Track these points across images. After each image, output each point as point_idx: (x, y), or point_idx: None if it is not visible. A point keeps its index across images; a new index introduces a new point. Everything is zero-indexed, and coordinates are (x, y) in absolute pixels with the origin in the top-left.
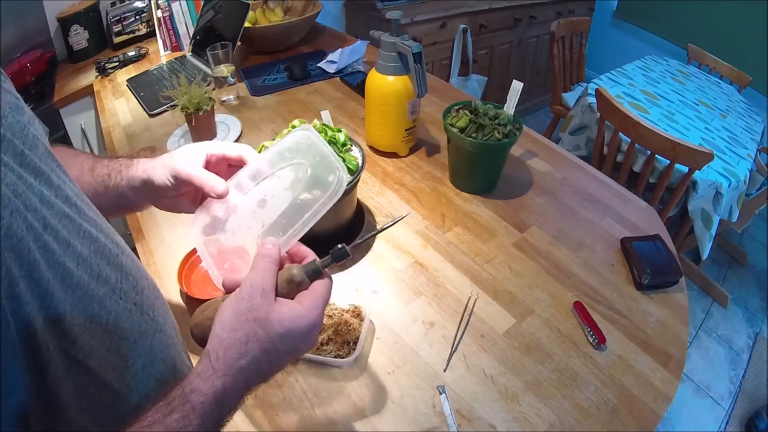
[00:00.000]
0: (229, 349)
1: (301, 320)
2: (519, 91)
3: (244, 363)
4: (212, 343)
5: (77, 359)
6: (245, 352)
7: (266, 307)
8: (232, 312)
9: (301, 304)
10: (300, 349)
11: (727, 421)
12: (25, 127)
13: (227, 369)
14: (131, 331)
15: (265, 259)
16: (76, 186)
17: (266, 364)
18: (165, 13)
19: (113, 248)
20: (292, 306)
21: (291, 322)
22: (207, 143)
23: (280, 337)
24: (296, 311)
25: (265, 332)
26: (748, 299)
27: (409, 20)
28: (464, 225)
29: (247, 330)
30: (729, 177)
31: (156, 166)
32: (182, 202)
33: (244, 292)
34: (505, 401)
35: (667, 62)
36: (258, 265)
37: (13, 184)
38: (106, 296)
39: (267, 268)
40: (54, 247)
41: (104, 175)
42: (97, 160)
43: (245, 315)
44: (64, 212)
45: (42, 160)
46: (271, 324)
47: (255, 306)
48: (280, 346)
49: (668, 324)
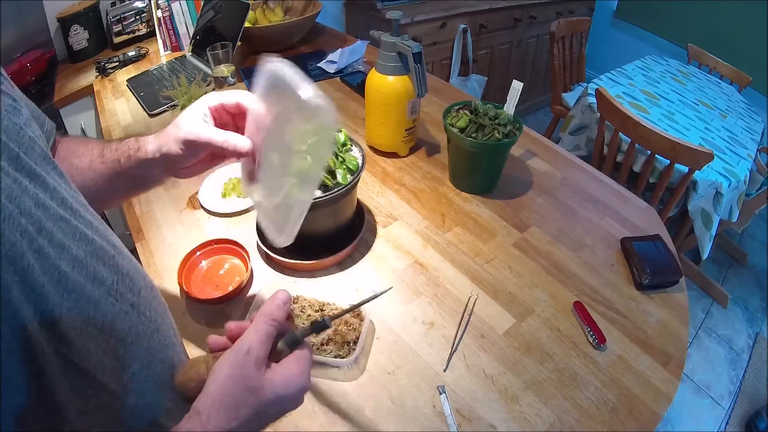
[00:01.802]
0: (220, 412)
1: (292, 387)
2: (519, 91)
3: (234, 425)
4: (204, 401)
5: (73, 362)
6: (236, 416)
7: (259, 377)
8: (226, 377)
9: (290, 371)
10: (287, 410)
11: (727, 421)
12: (21, 129)
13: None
14: (128, 333)
15: (270, 324)
16: (72, 187)
17: (255, 426)
18: (165, 13)
19: (109, 249)
20: (282, 374)
21: (283, 389)
22: (203, 98)
23: (271, 403)
24: (287, 379)
25: (257, 400)
26: (748, 299)
27: (409, 20)
28: (464, 225)
29: (240, 397)
30: (729, 177)
31: (168, 141)
32: (201, 166)
33: (240, 359)
34: (505, 401)
35: (667, 62)
36: (260, 328)
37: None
38: (102, 298)
39: (268, 333)
40: (49, 250)
41: (114, 161)
42: (105, 145)
43: (239, 381)
44: (59, 215)
45: (37, 163)
46: (264, 393)
47: (249, 375)
48: (270, 411)
49: (668, 324)
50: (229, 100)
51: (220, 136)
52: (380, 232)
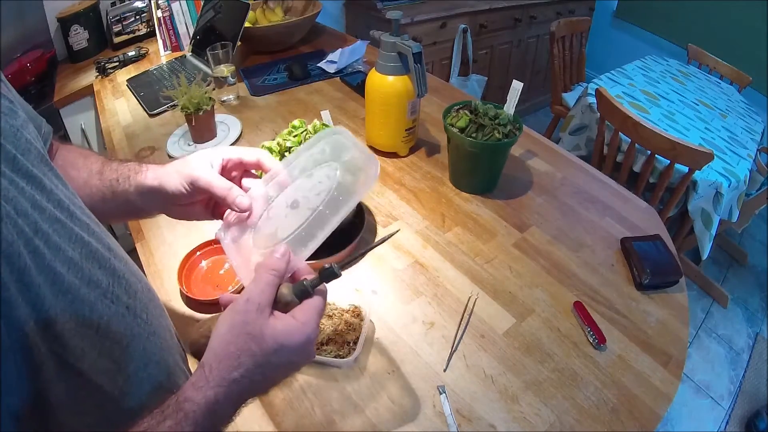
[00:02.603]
0: (222, 362)
1: (296, 335)
2: (519, 91)
3: (236, 375)
4: (207, 355)
5: (68, 362)
6: (238, 365)
7: (261, 322)
8: (228, 326)
9: (295, 319)
10: (296, 363)
11: (727, 421)
12: (18, 131)
13: (220, 380)
14: (123, 335)
15: (269, 272)
16: (69, 189)
17: (260, 377)
18: (165, 13)
19: (105, 252)
20: (286, 321)
21: (285, 337)
22: (223, 148)
23: (274, 351)
24: (290, 326)
25: (259, 347)
26: (748, 299)
27: (409, 20)
28: (464, 225)
29: (241, 344)
30: (729, 177)
31: (170, 172)
32: (195, 209)
33: (240, 306)
34: (505, 401)
35: (667, 62)
36: (260, 277)
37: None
38: (97, 300)
39: (268, 282)
40: (44, 251)
41: (112, 180)
42: (105, 163)
43: (239, 329)
44: (55, 217)
45: (35, 165)
46: (264, 339)
47: (249, 320)
48: (273, 361)
49: (668, 324)
50: (250, 157)
51: (223, 184)
52: (380, 232)
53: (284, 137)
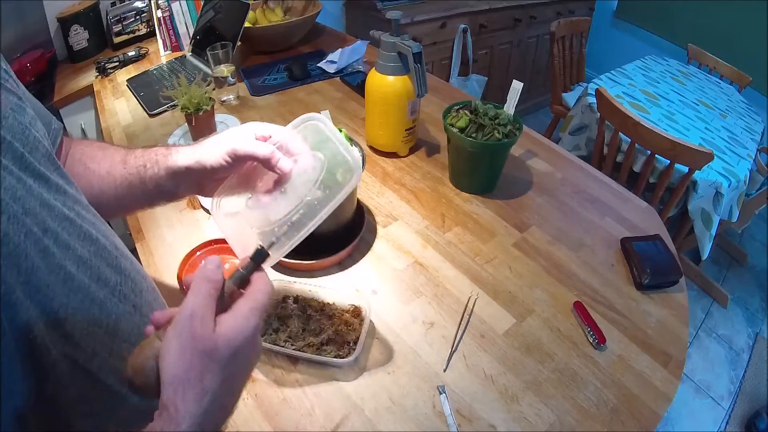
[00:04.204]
0: (186, 394)
1: (244, 332)
2: (519, 91)
3: (206, 404)
4: (166, 393)
5: (79, 363)
6: (204, 392)
7: (210, 335)
8: (178, 350)
9: (238, 316)
10: (252, 362)
11: (727, 421)
12: (26, 128)
13: (191, 419)
14: (131, 333)
15: (207, 284)
16: (74, 188)
17: (227, 395)
18: (165, 13)
19: (113, 250)
20: (231, 323)
21: (235, 339)
22: (254, 124)
23: (231, 359)
24: (237, 324)
25: (217, 362)
26: (748, 299)
27: (409, 20)
28: (464, 225)
29: (198, 366)
30: (729, 177)
31: (207, 149)
32: None
33: (184, 324)
34: (505, 401)
35: (667, 62)
36: (198, 289)
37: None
38: (106, 299)
39: (209, 294)
40: (54, 250)
41: (139, 167)
42: (128, 152)
43: (191, 349)
44: (64, 215)
45: (42, 163)
46: (218, 351)
47: (197, 336)
48: (233, 369)
49: (668, 324)
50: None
51: (265, 149)
52: (380, 232)
53: None
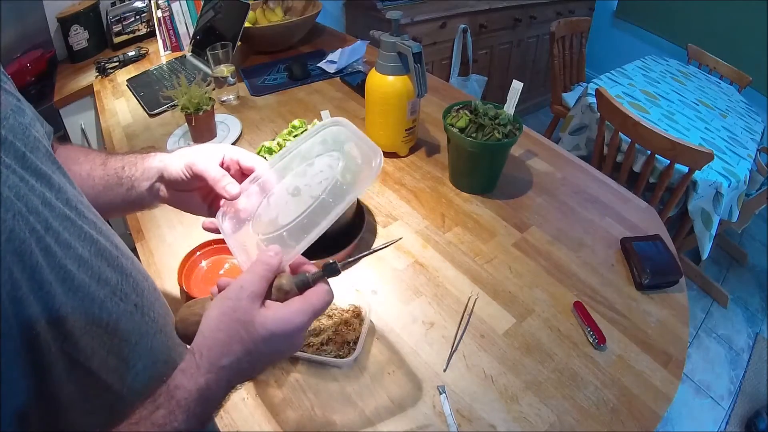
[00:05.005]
0: (212, 348)
1: (286, 324)
2: (519, 91)
3: (226, 362)
4: (197, 341)
5: (78, 361)
6: (228, 352)
7: (252, 311)
8: (218, 312)
9: (288, 308)
10: (282, 352)
11: (727, 421)
12: (26, 129)
13: (210, 367)
14: (132, 333)
15: (263, 266)
16: (76, 188)
17: (247, 364)
18: (165, 13)
19: (113, 250)
20: (277, 310)
21: (275, 325)
22: (226, 146)
23: (263, 339)
24: (281, 315)
25: (248, 334)
26: (748, 299)
27: (409, 20)
28: (464, 225)
29: (231, 330)
30: (729, 177)
31: (173, 157)
32: (193, 199)
33: (232, 293)
34: (505, 401)
35: (667, 62)
36: (254, 269)
37: (15, 186)
38: (106, 298)
39: (261, 275)
40: (56, 249)
41: (118, 168)
42: (110, 155)
43: (230, 315)
44: (65, 214)
45: (43, 162)
46: (254, 327)
47: (240, 307)
48: (262, 348)
49: (668, 324)
50: (247, 162)
51: (217, 171)
52: (380, 232)
53: (284, 137)
